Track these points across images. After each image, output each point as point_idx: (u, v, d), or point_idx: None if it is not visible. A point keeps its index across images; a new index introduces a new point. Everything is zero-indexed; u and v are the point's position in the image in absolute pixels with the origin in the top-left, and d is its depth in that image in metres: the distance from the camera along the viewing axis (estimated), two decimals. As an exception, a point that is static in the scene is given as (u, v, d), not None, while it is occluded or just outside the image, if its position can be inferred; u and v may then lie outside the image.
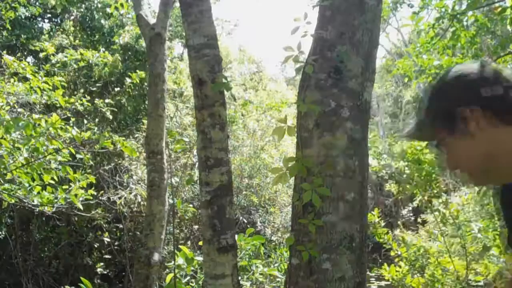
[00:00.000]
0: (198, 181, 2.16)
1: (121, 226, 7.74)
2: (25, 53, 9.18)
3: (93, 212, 6.67)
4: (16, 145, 3.92)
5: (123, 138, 5.06)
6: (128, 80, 6.83)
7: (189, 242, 8.11)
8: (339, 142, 1.91)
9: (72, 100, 5.80)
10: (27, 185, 4.05)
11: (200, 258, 3.80)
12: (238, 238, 4.16)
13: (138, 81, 6.93)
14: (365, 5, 1.99)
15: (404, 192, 4.71)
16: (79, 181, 4.30)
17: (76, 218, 7.44)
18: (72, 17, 9.82)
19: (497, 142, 0.99)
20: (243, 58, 14.21)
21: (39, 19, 10.13)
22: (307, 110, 1.93)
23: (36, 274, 7.41)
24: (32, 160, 3.96)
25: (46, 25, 10.52)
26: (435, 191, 4.38)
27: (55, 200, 4.25)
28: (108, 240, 7.81)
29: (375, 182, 13.22)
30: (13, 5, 7.02)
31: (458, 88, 1.03)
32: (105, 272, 8.04)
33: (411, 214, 12.14)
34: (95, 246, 8.02)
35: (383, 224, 4.70)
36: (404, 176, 4.31)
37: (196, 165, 6.81)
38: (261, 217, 9.55)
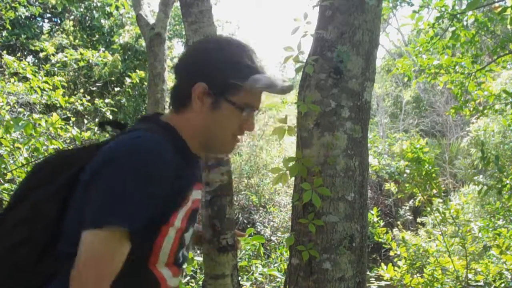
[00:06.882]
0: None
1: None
2: (25, 53, 9.18)
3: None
4: (16, 145, 3.92)
5: (123, 138, 5.04)
6: (128, 80, 6.83)
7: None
8: (339, 142, 1.91)
9: (72, 100, 5.80)
10: (27, 185, 4.04)
11: (200, 258, 3.80)
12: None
13: (138, 81, 6.93)
14: (365, 5, 1.99)
15: (403, 191, 4.70)
16: (79, 181, 4.28)
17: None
18: (72, 17, 9.82)
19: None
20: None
21: (39, 19, 10.14)
22: (307, 110, 1.93)
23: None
24: (32, 160, 3.96)
25: (46, 25, 10.54)
26: (434, 191, 4.37)
27: (55, 200, 4.24)
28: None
29: (375, 182, 13.22)
30: (13, 5, 7.01)
31: None
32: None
33: (409, 214, 12.16)
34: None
35: (382, 224, 4.70)
36: (404, 175, 4.30)
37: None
38: (261, 217, 9.55)
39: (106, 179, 0.96)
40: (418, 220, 10.12)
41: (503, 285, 4.01)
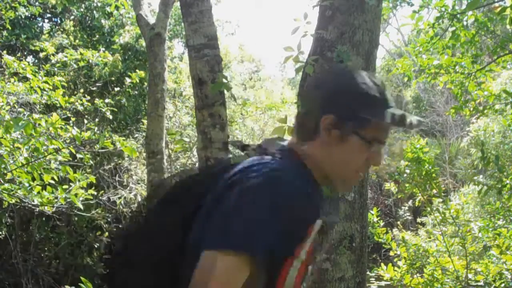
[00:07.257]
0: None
1: (121, 226, 7.75)
2: (25, 53, 9.16)
3: (93, 212, 6.67)
4: (16, 145, 3.92)
5: (123, 138, 5.06)
6: (128, 80, 6.84)
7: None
8: (339, 142, 1.91)
9: (72, 100, 5.81)
10: (27, 185, 4.04)
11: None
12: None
13: (138, 81, 6.94)
14: (365, 5, 1.99)
15: (403, 191, 4.70)
16: (79, 181, 4.29)
17: (76, 218, 7.44)
18: (72, 17, 9.82)
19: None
20: (242, 57, 14.20)
21: (39, 19, 10.12)
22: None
23: (36, 274, 7.41)
24: (32, 160, 3.96)
25: (46, 25, 10.52)
26: (434, 191, 4.37)
27: (55, 200, 4.25)
28: (108, 240, 7.81)
29: (375, 182, 13.22)
30: (13, 5, 7.01)
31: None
32: (105, 272, 8.02)
33: (409, 214, 12.16)
34: (95, 246, 8.02)
35: (382, 224, 4.70)
36: (404, 175, 4.30)
37: (196, 165, 6.81)
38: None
39: (244, 206, 0.96)
40: (418, 220, 10.11)
41: (503, 285, 4.01)
